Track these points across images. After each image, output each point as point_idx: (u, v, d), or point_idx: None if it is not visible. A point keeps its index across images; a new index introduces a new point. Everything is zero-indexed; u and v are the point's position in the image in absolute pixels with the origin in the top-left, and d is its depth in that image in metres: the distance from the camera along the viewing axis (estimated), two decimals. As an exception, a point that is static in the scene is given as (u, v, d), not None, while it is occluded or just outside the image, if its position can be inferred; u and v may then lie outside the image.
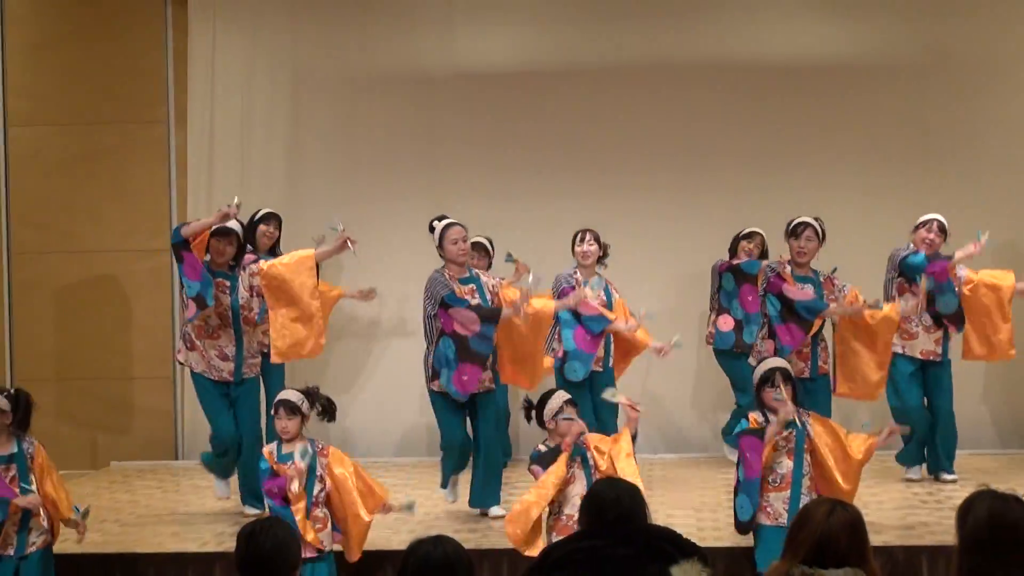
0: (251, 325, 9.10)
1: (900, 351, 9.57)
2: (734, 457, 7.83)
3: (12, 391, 7.62)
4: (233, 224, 8.82)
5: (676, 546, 4.51)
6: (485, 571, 7.71)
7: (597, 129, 11.51)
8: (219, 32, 11.70)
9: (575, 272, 9.46)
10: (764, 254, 10.28)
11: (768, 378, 7.32)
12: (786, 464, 7.23)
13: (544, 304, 8.82)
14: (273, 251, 9.87)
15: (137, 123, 11.85)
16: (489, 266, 10.01)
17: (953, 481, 9.62)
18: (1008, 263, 10.02)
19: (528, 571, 4.56)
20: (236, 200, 8.53)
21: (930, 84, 11.39)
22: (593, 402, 9.02)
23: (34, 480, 7.55)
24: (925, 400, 9.73)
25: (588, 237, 9.51)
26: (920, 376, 9.69)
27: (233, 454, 9.00)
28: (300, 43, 11.75)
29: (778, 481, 7.20)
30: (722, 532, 8.13)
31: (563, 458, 6.98)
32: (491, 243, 10.33)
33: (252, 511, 8.72)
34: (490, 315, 8.55)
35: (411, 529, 8.03)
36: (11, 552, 7.50)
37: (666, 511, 8.56)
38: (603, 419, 9.00)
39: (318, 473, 7.55)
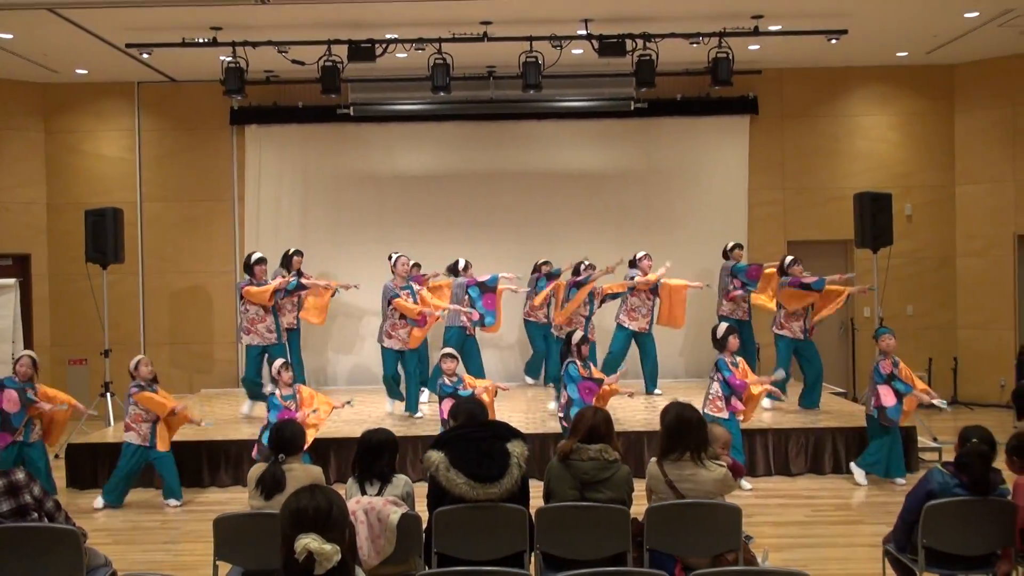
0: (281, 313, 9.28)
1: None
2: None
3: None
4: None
5: (509, 432, 4.40)
6: (408, 449, 7.69)
7: (478, 208, 11.39)
8: (263, 150, 11.50)
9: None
10: (551, 275, 10.06)
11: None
12: None
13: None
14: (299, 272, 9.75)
15: (216, 201, 11.65)
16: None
17: (660, 395, 9.70)
18: (693, 294, 10.08)
19: (431, 445, 4.29)
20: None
21: (650, 184, 11.41)
22: None
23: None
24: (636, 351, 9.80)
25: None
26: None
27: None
28: (308, 158, 11.52)
29: None
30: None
31: None
32: (419, 264, 10.22)
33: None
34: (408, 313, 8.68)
35: (371, 424, 7.48)
36: None
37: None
38: None
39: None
